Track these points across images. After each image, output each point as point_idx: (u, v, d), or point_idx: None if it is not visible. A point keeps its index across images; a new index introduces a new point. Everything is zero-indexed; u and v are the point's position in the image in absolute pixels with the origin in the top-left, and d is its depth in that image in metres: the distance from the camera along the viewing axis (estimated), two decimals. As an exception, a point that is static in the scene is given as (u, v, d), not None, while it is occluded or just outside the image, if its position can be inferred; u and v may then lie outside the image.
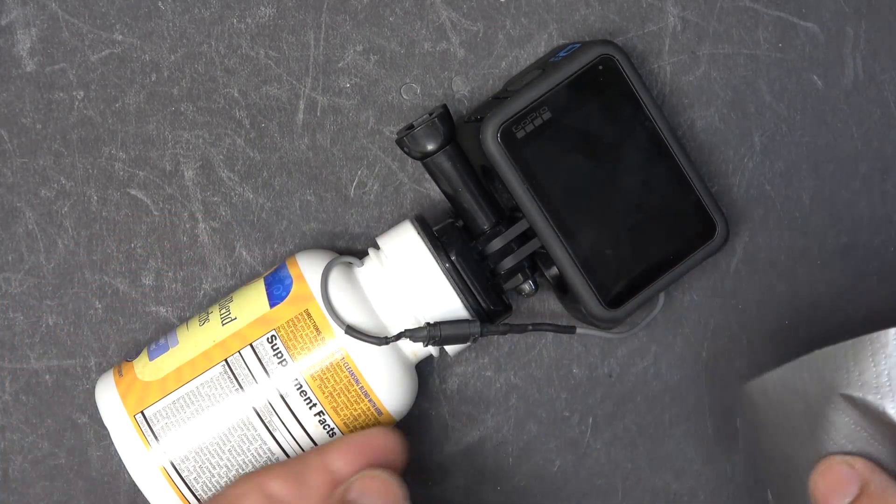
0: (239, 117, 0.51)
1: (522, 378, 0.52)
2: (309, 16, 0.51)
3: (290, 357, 0.44)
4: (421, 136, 0.46)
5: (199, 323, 0.47)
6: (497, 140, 0.46)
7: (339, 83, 0.51)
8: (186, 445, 0.45)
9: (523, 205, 0.46)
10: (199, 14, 0.51)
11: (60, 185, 0.51)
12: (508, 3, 0.51)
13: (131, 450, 0.45)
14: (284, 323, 0.45)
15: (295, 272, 0.46)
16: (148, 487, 0.45)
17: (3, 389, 0.51)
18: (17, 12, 0.51)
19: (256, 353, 0.45)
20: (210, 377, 0.45)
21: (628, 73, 0.46)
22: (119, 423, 0.45)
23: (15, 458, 0.51)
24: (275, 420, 0.44)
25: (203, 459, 0.45)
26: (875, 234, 0.52)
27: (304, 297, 0.45)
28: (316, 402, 0.44)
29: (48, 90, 0.51)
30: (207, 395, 0.45)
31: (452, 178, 0.47)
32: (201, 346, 0.46)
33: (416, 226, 0.46)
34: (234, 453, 0.45)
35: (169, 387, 0.45)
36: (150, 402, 0.45)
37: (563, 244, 0.46)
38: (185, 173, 0.51)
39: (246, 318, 0.46)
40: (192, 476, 0.45)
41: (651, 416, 0.52)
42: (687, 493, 0.52)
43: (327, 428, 0.45)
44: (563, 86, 0.46)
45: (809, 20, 0.51)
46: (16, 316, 0.51)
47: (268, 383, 0.44)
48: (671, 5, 0.51)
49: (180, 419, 0.45)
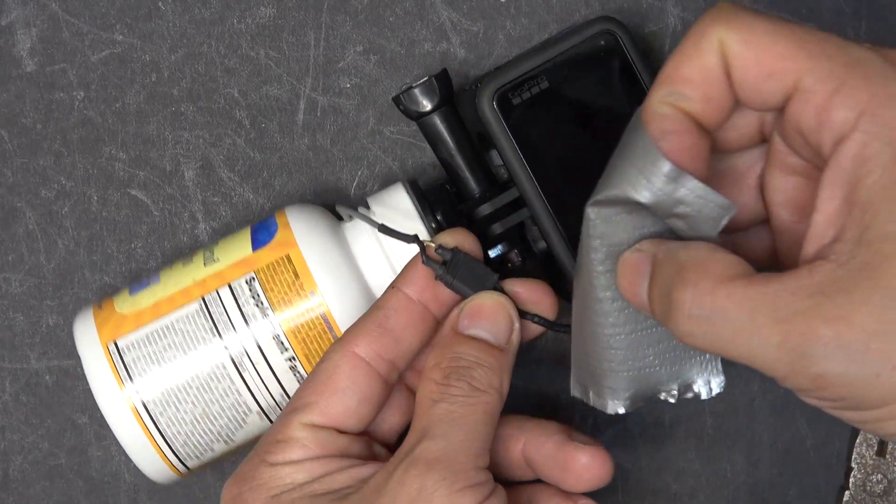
0: (239, 117, 0.51)
1: (522, 378, 0.52)
2: (309, 16, 0.51)
3: (266, 300, 0.44)
4: (417, 95, 0.46)
5: (182, 264, 0.47)
6: (492, 105, 0.46)
7: (340, 83, 0.51)
8: (156, 378, 0.45)
9: (514, 171, 0.46)
10: (200, 14, 0.51)
11: (61, 185, 0.51)
12: (508, 3, 0.51)
13: (100, 377, 0.45)
14: (264, 266, 0.45)
15: (282, 221, 0.46)
16: (113, 418, 0.45)
17: (3, 389, 0.51)
18: (18, 12, 0.51)
19: (234, 293, 0.45)
20: (185, 313, 0.45)
21: (629, 50, 0.46)
22: (91, 351, 0.45)
23: (15, 458, 0.51)
24: (246, 362, 0.44)
25: (171, 396, 0.45)
26: (875, 235, 0.52)
27: (287, 243, 0.45)
28: (289, 347, 0.45)
29: (48, 90, 0.51)
30: (181, 331, 0.45)
31: (446, 141, 0.47)
32: (181, 284, 0.46)
33: (407, 186, 0.47)
34: (202, 391, 0.45)
35: (144, 319, 0.45)
36: (124, 332, 0.45)
37: (552, 215, 0.46)
38: (186, 173, 0.51)
39: (228, 260, 0.46)
40: (158, 410, 0.45)
41: (651, 417, 0.52)
42: (687, 493, 0.52)
43: (297, 375, 0.45)
44: (562, 57, 0.46)
45: (809, 20, 0.51)
46: (16, 316, 0.51)
47: (242, 326, 0.44)
48: (671, 5, 0.51)
49: (152, 351, 0.45)
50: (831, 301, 0.33)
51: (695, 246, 0.37)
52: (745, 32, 0.36)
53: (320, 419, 0.42)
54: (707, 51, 0.36)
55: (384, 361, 0.43)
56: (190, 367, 0.45)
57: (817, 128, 0.35)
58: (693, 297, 0.35)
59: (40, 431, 0.51)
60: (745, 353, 0.35)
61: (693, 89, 0.36)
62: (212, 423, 0.45)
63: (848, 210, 0.34)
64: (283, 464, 0.42)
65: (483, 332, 0.43)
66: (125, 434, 0.45)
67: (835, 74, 0.35)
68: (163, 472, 0.46)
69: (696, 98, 0.36)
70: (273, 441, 0.42)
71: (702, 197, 0.37)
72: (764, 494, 0.52)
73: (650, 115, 0.37)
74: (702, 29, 0.36)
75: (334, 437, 0.42)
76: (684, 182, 0.37)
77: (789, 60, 0.35)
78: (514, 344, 0.44)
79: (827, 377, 0.34)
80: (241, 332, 0.45)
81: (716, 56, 0.36)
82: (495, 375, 0.42)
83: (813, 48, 0.35)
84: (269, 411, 0.46)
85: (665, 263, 0.37)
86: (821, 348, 0.33)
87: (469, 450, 0.40)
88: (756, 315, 0.34)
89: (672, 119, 0.36)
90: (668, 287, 0.36)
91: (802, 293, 0.34)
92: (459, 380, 0.42)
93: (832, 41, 0.35)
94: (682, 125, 0.36)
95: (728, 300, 0.35)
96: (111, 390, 0.45)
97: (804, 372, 0.34)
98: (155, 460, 0.45)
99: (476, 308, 0.43)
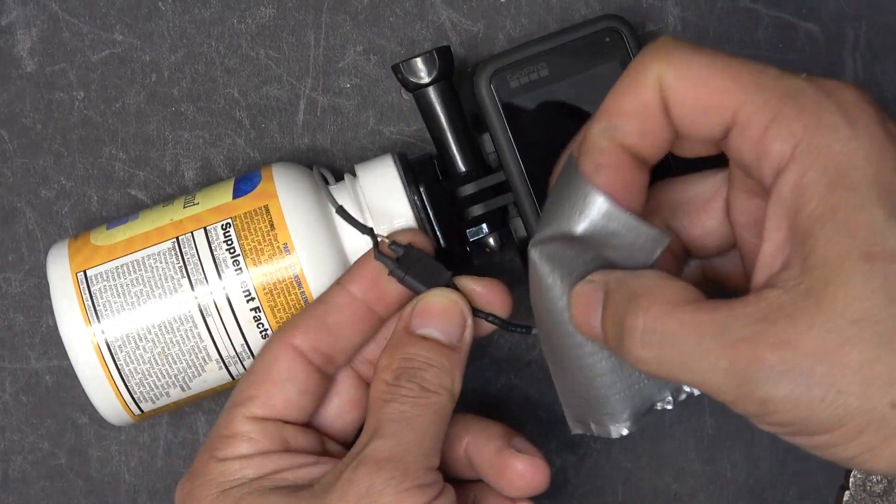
0: (239, 117, 0.51)
1: (522, 378, 0.52)
2: (309, 16, 0.51)
3: (239, 247, 0.45)
4: (417, 65, 0.46)
5: (163, 205, 0.47)
6: (489, 83, 0.46)
7: (340, 83, 0.51)
8: (119, 311, 0.45)
9: (502, 153, 0.46)
10: (200, 14, 0.51)
11: (61, 185, 0.51)
12: (508, 3, 0.51)
13: (65, 302, 0.45)
14: (242, 214, 0.45)
15: (266, 174, 0.46)
16: (73, 344, 0.45)
17: (3, 389, 0.51)
18: (18, 12, 0.51)
19: (208, 236, 0.45)
20: (158, 251, 0.45)
21: (632, 50, 0.46)
22: (60, 279, 0.45)
23: (15, 458, 0.51)
24: (211, 307, 0.44)
25: (133, 331, 0.45)
26: (875, 235, 0.52)
27: (267, 195, 0.45)
28: (255, 296, 0.45)
29: (48, 90, 0.51)
30: (151, 267, 0.45)
31: (438, 117, 0.47)
32: (158, 223, 0.46)
33: (395, 157, 0.47)
34: (163, 331, 0.45)
35: (117, 253, 0.45)
36: (95, 263, 0.45)
37: (535, 203, 0.46)
38: (186, 173, 0.51)
39: (207, 204, 0.46)
40: (118, 343, 0.45)
41: (651, 417, 0.52)
42: (687, 493, 0.52)
43: (261, 328, 0.45)
44: (565, 47, 0.46)
45: (809, 20, 0.51)
46: (16, 316, 0.51)
47: (212, 270, 0.45)
48: (671, 5, 0.51)
49: (119, 284, 0.45)
50: (776, 326, 0.34)
51: (646, 274, 0.38)
52: (682, 68, 0.36)
53: (262, 411, 0.43)
54: (645, 86, 0.37)
55: (321, 355, 0.43)
56: (155, 305, 0.45)
57: (757, 160, 0.36)
58: (645, 322, 0.36)
59: (40, 431, 0.51)
60: (695, 377, 0.35)
61: (630, 123, 0.37)
62: (170, 366, 0.45)
63: (792, 238, 0.35)
64: (232, 458, 0.42)
65: (434, 332, 0.43)
66: (83, 365, 0.45)
67: (770, 106, 0.35)
68: (115, 410, 0.46)
69: (632, 132, 0.37)
70: (220, 437, 0.43)
71: (634, 229, 0.38)
72: (764, 494, 0.52)
73: (586, 149, 0.37)
74: (641, 63, 0.37)
75: (279, 428, 0.43)
76: (616, 215, 0.37)
77: (725, 94, 0.36)
78: (466, 342, 0.44)
79: (773, 402, 0.34)
80: (210, 277, 0.45)
81: (653, 91, 0.36)
82: (447, 376, 0.43)
83: (748, 81, 0.36)
84: (228, 361, 0.46)
85: (617, 291, 0.38)
86: (766, 373, 0.34)
87: (418, 450, 0.41)
88: (704, 340, 0.35)
89: (607, 152, 0.37)
90: (621, 315, 0.37)
91: (749, 319, 0.34)
92: (410, 381, 0.42)
93: (768, 73, 0.36)
94: (617, 158, 0.37)
95: (678, 325, 0.35)
96: (75, 319, 0.45)
97: (750, 396, 0.34)
98: (109, 396, 0.45)
99: (427, 306, 0.44)
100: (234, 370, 0.46)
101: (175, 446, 0.51)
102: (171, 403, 0.47)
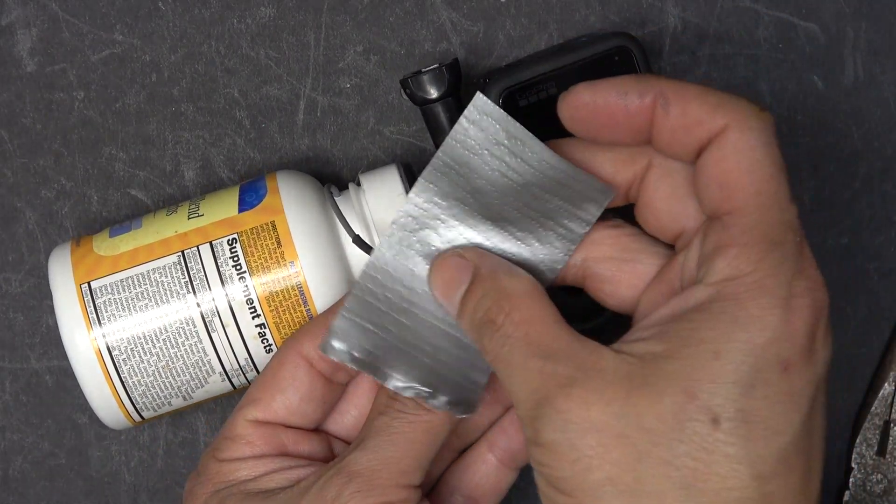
0: (239, 117, 0.51)
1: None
2: (309, 16, 0.51)
3: (245, 264, 0.45)
4: (425, 81, 0.46)
5: (166, 213, 0.47)
6: (499, 103, 0.46)
7: (340, 83, 0.51)
8: (124, 325, 0.45)
9: None
10: (200, 14, 0.51)
11: (60, 185, 0.51)
12: (508, 3, 0.51)
13: (70, 316, 0.45)
14: (248, 229, 0.45)
15: (272, 185, 0.46)
16: (77, 358, 0.45)
17: (3, 389, 0.51)
18: (18, 12, 0.51)
19: (214, 251, 0.45)
20: (163, 264, 0.45)
21: (641, 69, 0.46)
22: (64, 289, 0.45)
23: (15, 459, 0.51)
24: (216, 322, 0.45)
25: (137, 345, 0.45)
26: (875, 234, 0.52)
27: (274, 210, 0.45)
28: (261, 313, 0.45)
29: (48, 90, 0.51)
30: (156, 282, 0.45)
31: (447, 131, 0.47)
32: (162, 234, 0.46)
33: (399, 168, 0.47)
34: (168, 345, 0.45)
35: (121, 265, 0.45)
36: (99, 275, 0.45)
37: None
38: (186, 173, 0.51)
39: (212, 216, 0.46)
40: (122, 357, 0.45)
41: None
42: (687, 493, 0.52)
43: (266, 343, 0.45)
44: (575, 66, 0.46)
45: (809, 20, 0.51)
46: (16, 316, 0.51)
47: (218, 285, 0.45)
48: (671, 6, 0.51)
49: (124, 297, 0.45)
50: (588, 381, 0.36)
51: (520, 278, 0.39)
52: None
53: (263, 415, 0.43)
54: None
55: (328, 363, 0.43)
56: (160, 319, 0.45)
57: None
58: (505, 323, 0.38)
59: (40, 431, 0.51)
60: (510, 383, 0.37)
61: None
62: (173, 378, 0.45)
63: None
64: (230, 460, 0.43)
65: None
66: (86, 376, 0.45)
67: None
68: (117, 419, 0.46)
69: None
70: (222, 437, 0.43)
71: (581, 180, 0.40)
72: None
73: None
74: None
75: (280, 432, 0.43)
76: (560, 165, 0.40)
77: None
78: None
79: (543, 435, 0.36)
80: (215, 291, 0.45)
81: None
82: None
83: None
84: (231, 374, 0.46)
85: (487, 281, 0.39)
86: (554, 414, 0.36)
87: (396, 466, 0.40)
88: (531, 359, 0.37)
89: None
90: (486, 307, 0.38)
91: (574, 362, 0.36)
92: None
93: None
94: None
95: (523, 336, 0.37)
96: (78, 330, 0.45)
97: (532, 424, 0.36)
98: (112, 406, 0.45)
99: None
100: (237, 381, 0.46)
101: (175, 446, 0.51)
102: (173, 411, 0.47)
